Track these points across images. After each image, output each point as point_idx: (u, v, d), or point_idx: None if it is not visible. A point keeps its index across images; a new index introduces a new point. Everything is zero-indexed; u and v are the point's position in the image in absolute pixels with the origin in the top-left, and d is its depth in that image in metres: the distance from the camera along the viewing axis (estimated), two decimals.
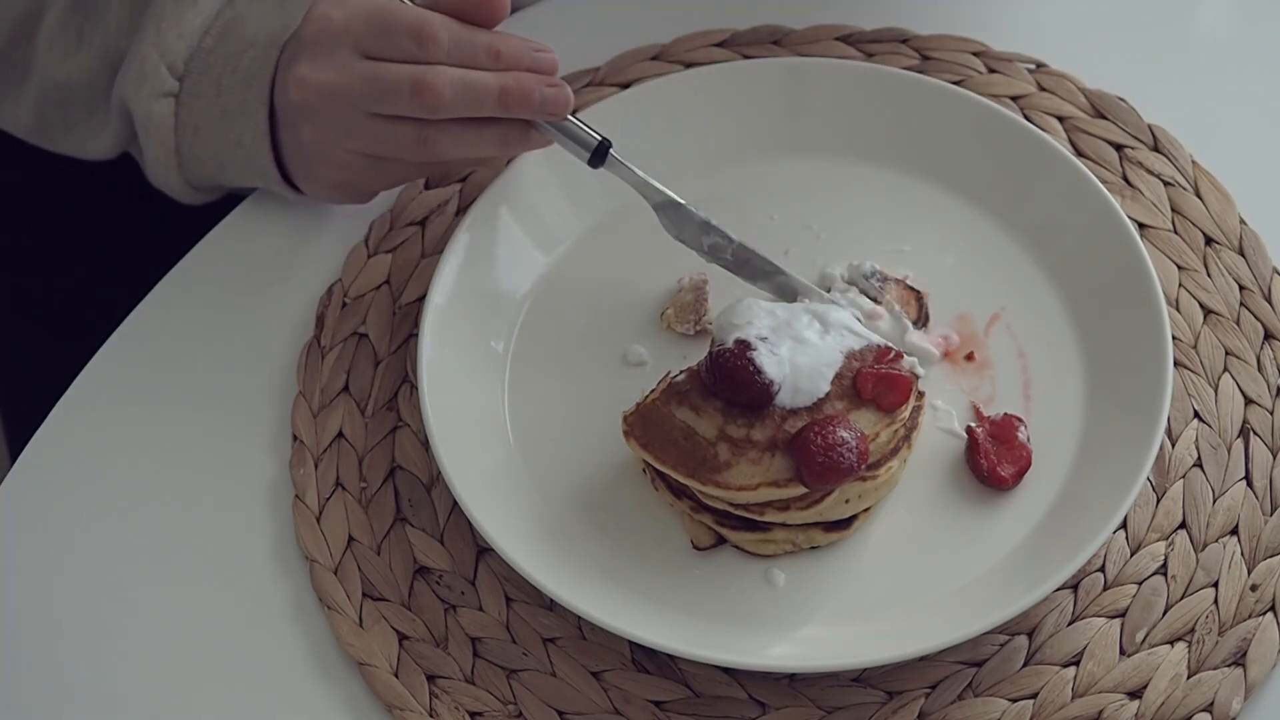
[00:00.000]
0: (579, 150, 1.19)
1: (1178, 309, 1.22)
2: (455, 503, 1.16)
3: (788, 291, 1.20)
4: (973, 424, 1.16)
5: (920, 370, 1.17)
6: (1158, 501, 1.16)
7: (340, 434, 1.21)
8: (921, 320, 1.20)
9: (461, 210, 1.28)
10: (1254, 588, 1.13)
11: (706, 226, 1.20)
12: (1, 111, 1.31)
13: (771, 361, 1.11)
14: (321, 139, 1.17)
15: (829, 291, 1.22)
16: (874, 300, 1.20)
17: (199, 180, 1.25)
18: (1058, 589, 1.11)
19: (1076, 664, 1.12)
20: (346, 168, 1.19)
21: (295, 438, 1.21)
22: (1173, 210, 1.26)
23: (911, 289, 1.21)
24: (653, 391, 1.14)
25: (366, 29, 1.14)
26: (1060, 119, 1.30)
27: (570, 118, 1.18)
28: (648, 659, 1.13)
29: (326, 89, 1.15)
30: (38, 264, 1.50)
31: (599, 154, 1.19)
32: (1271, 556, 1.14)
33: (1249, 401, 1.19)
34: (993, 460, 1.15)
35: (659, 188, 1.20)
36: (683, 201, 1.20)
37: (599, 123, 1.24)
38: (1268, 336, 1.21)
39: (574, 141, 1.19)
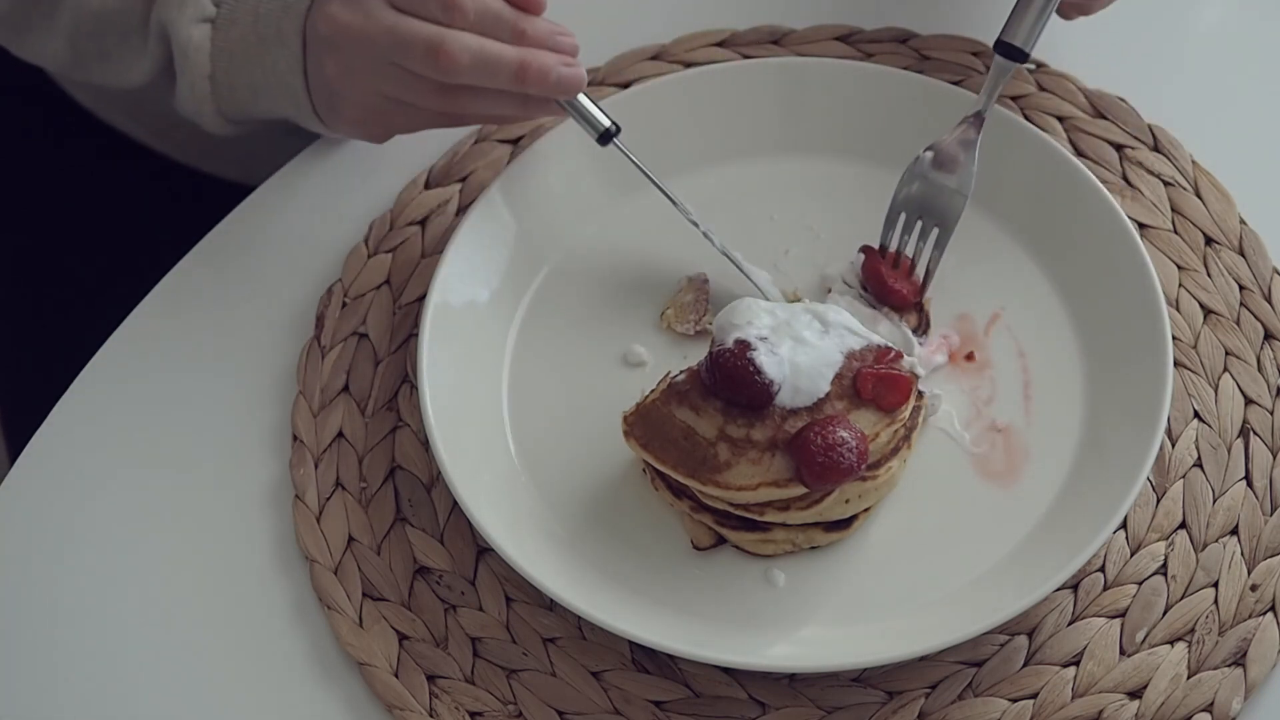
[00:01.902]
0: (589, 129, 1.21)
1: (1178, 309, 1.22)
2: (455, 503, 1.16)
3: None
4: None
5: (920, 370, 1.17)
6: (1158, 501, 1.16)
7: (340, 434, 1.21)
8: (922, 327, 1.20)
9: (461, 210, 1.28)
10: (1254, 588, 1.13)
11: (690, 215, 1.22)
12: (35, 44, 1.31)
13: (771, 361, 1.11)
14: (345, 75, 1.18)
15: (829, 292, 1.22)
16: (871, 305, 1.21)
17: (230, 109, 1.25)
18: (1058, 589, 1.11)
19: (1076, 664, 1.12)
20: (367, 107, 1.20)
21: (295, 438, 1.21)
22: (1173, 210, 1.26)
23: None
24: (653, 391, 1.14)
25: None
26: (1060, 119, 1.30)
27: (586, 98, 1.20)
28: (648, 659, 1.13)
29: (352, 31, 1.16)
30: (38, 264, 1.50)
31: (605, 138, 1.21)
32: (1271, 556, 1.14)
33: (1249, 401, 1.19)
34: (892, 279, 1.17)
35: (655, 182, 1.21)
36: (676, 201, 1.21)
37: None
38: (1268, 336, 1.21)
39: (585, 121, 1.21)
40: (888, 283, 1.20)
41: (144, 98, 1.33)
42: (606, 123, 1.20)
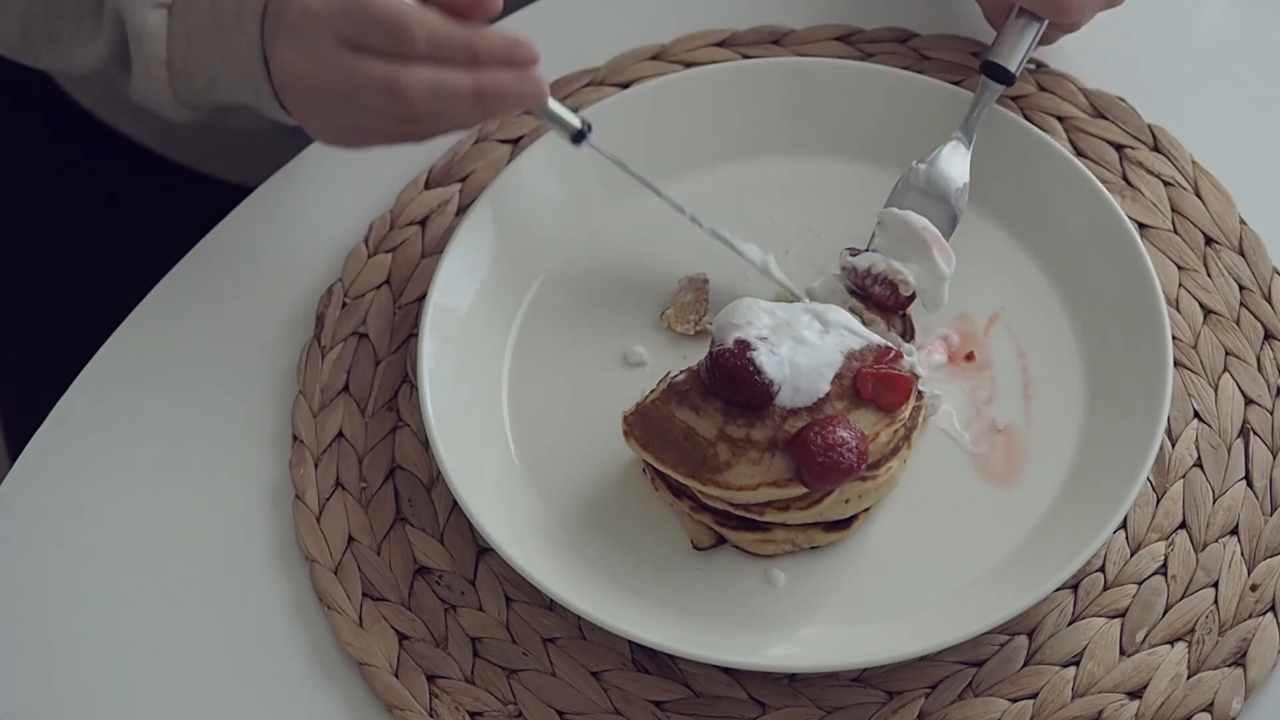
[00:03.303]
0: (561, 132, 1.18)
1: (1178, 309, 1.22)
2: (455, 503, 1.16)
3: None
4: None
5: (920, 370, 1.17)
6: (1158, 501, 1.16)
7: (340, 434, 1.21)
8: (908, 334, 1.20)
9: (461, 210, 1.28)
10: (1254, 588, 1.13)
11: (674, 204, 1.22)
12: None
13: (771, 361, 1.11)
14: (306, 113, 1.17)
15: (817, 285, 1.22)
16: (854, 293, 1.20)
17: (187, 96, 1.23)
18: (1058, 589, 1.11)
19: (1076, 664, 1.12)
20: (335, 135, 1.18)
21: (295, 438, 1.21)
22: (1173, 210, 1.26)
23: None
24: (653, 391, 1.14)
25: (345, 20, 1.12)
26: (1060, 119, 1.30)
27: (554, 102, 1.17)
28: (648, 659, 1.13)
29: (307, 77, 1.14)
30: (38, 264, 1.50)
31: (578, 138, 1.18)
32: (1271, 556, 1.14)
33: (1249, 401, 1.19)
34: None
35: (635, 175, 1.21)
36: (660, 191, 1.21)
37: (599, 123, 1.24)
38: (1268, 336, 1.21)
39: (555, 124, 1.18)
40: (870, 288, 1.19)
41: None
42: (577, 124, 1.18)
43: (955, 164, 1.23)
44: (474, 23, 1.13)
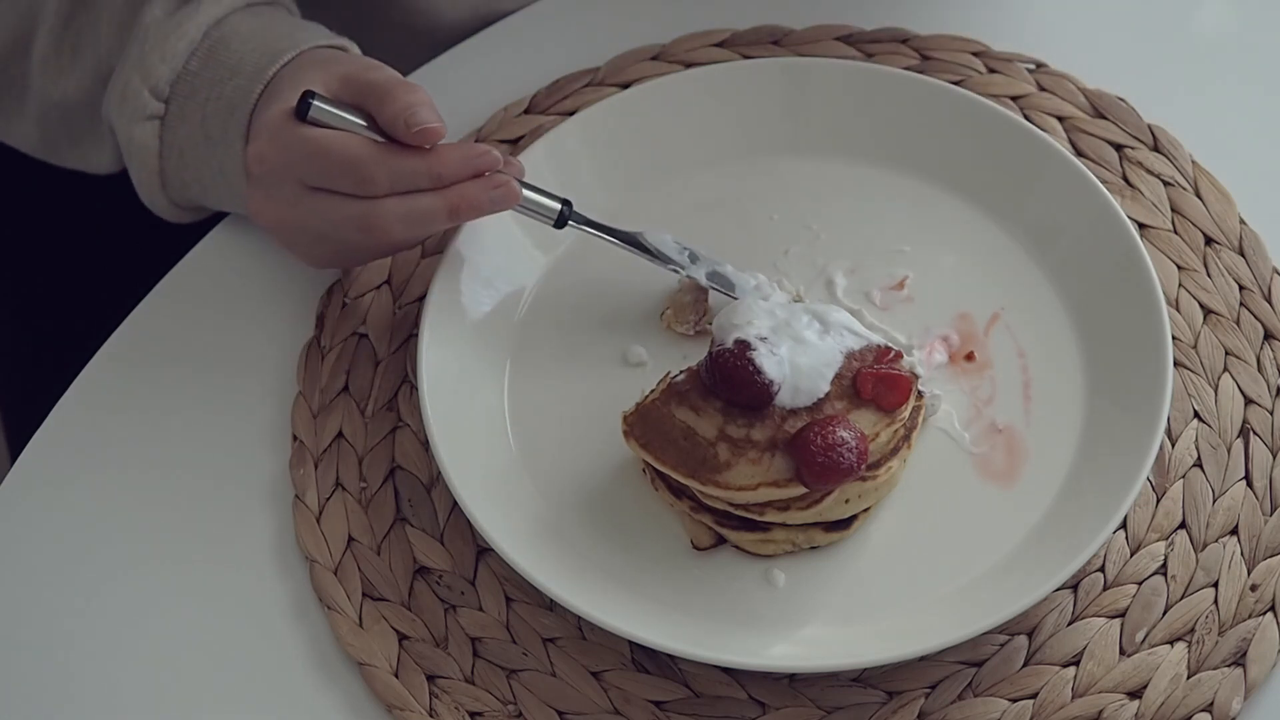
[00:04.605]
0: (543, 219, 1.20)
1: (1178, 309, 1.22)
2: (455, 503, 1.16)
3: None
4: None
5: (920, 370, 1.17)
6: (1158, 501, 1.16)
7: (340, 434, 1.21)
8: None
9: None
10: (1254, 588, 1.13)
11: (679, 246, 1.22)
12: (9, 129, 1.32)
13: (771, 361, 1.11)
14: (290, 245, 1.19)
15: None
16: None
17: (184, 201, 1.25)
18: (1058, 589, 1.11)
19: (1076, 664, 1.12)
20: (323, 261, 1.21)
21: (295, 438, 1.21)
22: (1173, 210, 1.26)
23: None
24: (652, 391, 1.14)
25: (306, 167, 1.14)
26: (1060, 119, 1.30)
27: (527, 191, 1.18)
28: (648, 659, 1.13)
29: (282, 221, 1.17)
30: (38, 264, 1.50)
31: (560, 221, 1.20)
32: (1271, 556, 1.14)
33: (1249, 401, 1.19)
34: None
35: (622, 231, 1.21)
36: (643, 233, 1.22)
37: (599, 123, 1.25)
38: (1268, 336, 1.21)
39: (535, 213, 1.19)
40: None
41: None
42: (557, 206, 1.19)
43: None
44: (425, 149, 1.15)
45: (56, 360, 1.30)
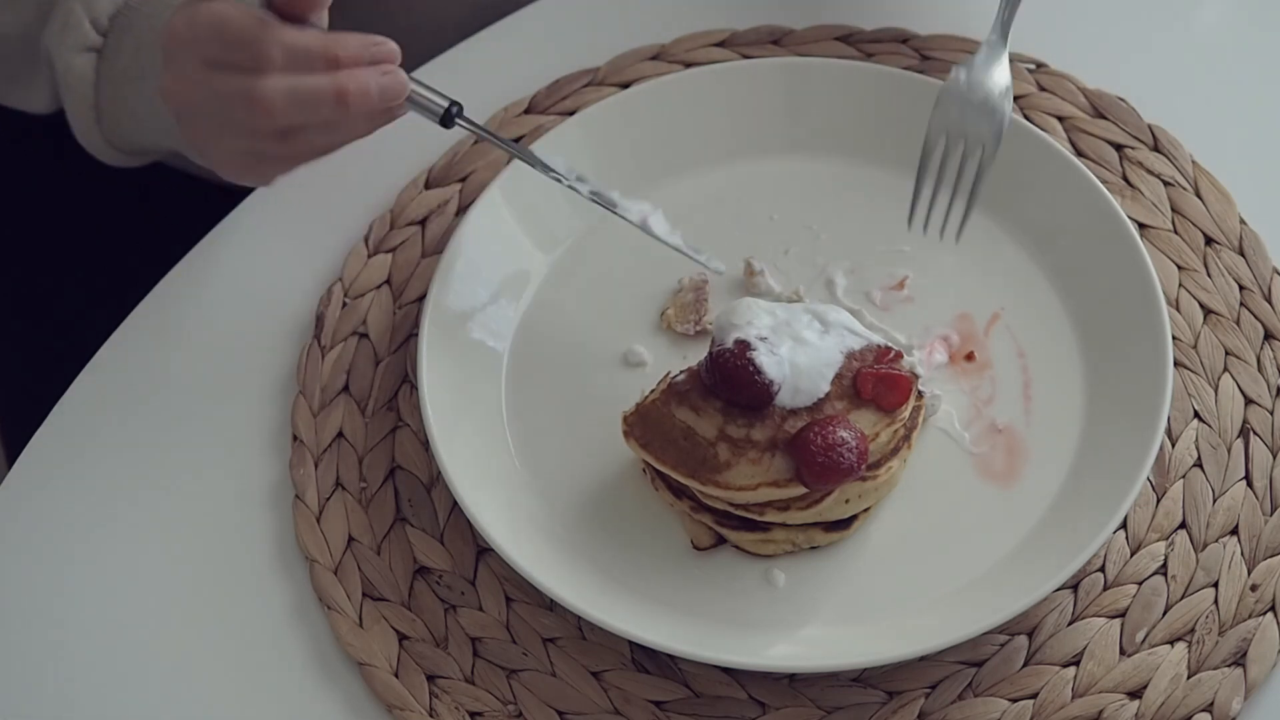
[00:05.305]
0: (430, 116, 1.17)
1: (1178, 309, 1.22)
2: (455, 503, 1.16)
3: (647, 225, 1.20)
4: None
5: (921, 370, 1.17)
6: (1158, 501, 1.16)
7: (340, 434, 1.21)
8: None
9: (461, 210, 1.28)
10: (1254, 588, 1.13)
11: (547, 170, 1.20)
12: None
13: (771, 361, 1.11)
14: (198, 138, 1.17)
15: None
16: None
17: (119, 139, 1.24)
18: (1058, 589, 1.11)
19: (1076, 664, 1.12)
20: (233, 162, 1.18)
21: (295, 438, 1.21)
22: (1173, 210, 1.26)
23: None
24: (653, 391, 1.14)
25: (206, 42, 1.13)
26: (1060, 119, 1.30)
27: (416, 88, 1.16)
28: (648, 659, 1.13)
29: (180, 100, 1.15)
30: (37, 264, 1.50)
31: (447, 119, 1.17)
32: (1271, 556, 1.14)
33: (1249, 401, 1.19)
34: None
35: (504, 142, 1.19)
36: (529, 153, 1.20)
37: (599, 123, 1.25)
38: (1268, 336, 1.21)
39: (424, 110, 1.16)
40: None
41: None
42: (444, 103, 1.16)
43: (995, 68, 1.20)
44: (312, 23, 1.13)
45: (56, 360, 1.30)
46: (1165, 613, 1.13)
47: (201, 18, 1.13)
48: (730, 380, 1.11)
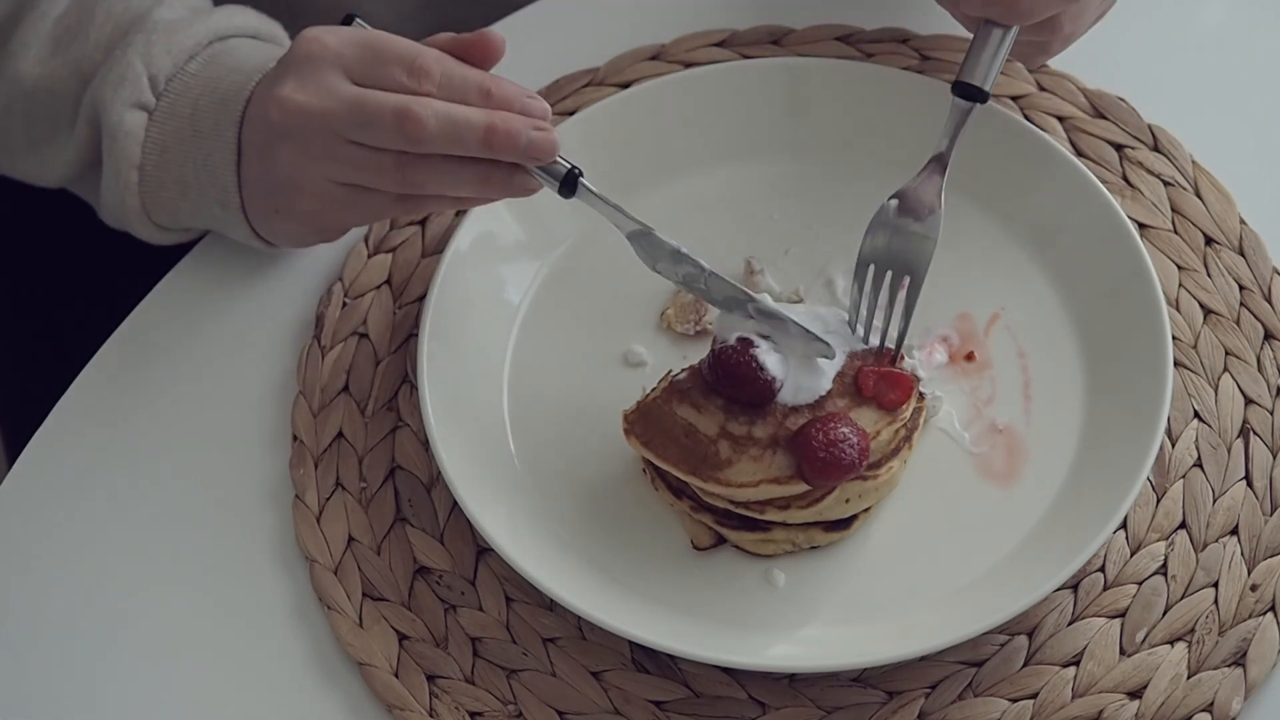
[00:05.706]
0: (550, 181, 1.13)
1: (1178, 309, 1.22)
2: (455, 503, 1.16)
3: (764, 320, 1.15)
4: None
5: (921, 373, 1.17)
6: (1158, 501, 1.16)
7: (340, 434, 1.21)
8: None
9: (461, 210, 1.28)
10: (1254, 588, 1.13)
11: (678, 255, 1.15)
12: None
13: (773, 359, 1.11)
14: (300, 161, 1.14)
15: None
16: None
17: (155, 207, 1.22)
18: (1058, 589, 1.11)
19: (1076, 664, 1.12)
20: (322, 196, 1.15)
21: (295, 438, 1.21)
22: (1173, 210, 1.26)
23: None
24: (654, 389, 1.14)
25: (359, 55, 1.12)
26: (1060, 119, 1.30)
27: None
28: (648, 659, 1.13)
29: (310, 111, 1.12)
30: (38, 264, 1.50)
31: (569, 183, 1.13)
32: (1271, 556, 1.14)
33: (1249, 401, 1.19)
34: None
35: (630, 216, 1.15)
36: (653, 229, 1.15)
37: (599, 123, 1.24)
38: (1268, 336, 1.21)
39: (547, 176, 1.13)
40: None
41: None
42: (566, 166, 1.12)
43: (927, 194, 1.17)
44: (480, 68, 1.12)
45: (56, 360, 1.30)
46: (1165, 613, 1.13)
47: (352, 35, 1.12)
48: (733, 376, 1.11)
